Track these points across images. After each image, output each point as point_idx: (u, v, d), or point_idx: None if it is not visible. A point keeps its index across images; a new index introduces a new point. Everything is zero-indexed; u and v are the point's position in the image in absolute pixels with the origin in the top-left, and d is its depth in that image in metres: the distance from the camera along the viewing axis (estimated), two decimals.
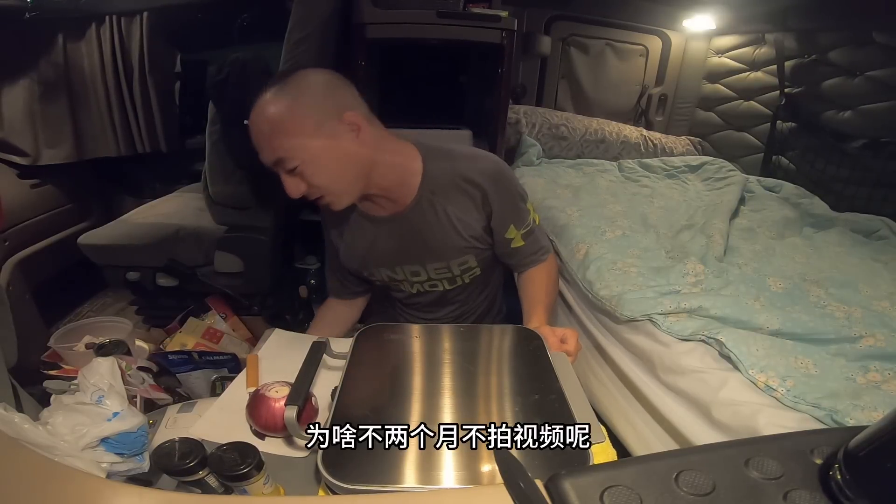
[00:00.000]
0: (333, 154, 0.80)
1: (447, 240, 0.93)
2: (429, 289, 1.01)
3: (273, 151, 0.78)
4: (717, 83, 2.34)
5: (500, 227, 0.94)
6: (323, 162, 0.80)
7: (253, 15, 1.71)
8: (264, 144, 0.79)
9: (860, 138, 1.72)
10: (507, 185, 0.93)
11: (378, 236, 0.95)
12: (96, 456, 0.57)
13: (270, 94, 0.77)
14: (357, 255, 0.99)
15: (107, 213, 1.86)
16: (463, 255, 0.95)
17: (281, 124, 0.77)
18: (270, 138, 0.78)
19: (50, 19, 1.46)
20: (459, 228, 0.92)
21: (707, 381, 0.88)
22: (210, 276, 1.53)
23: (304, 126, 0.78)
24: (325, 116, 0.79)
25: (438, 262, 0.96)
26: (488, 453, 0.53)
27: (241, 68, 1.27)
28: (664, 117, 2.46)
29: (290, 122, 0.77)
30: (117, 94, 1.62)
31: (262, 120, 0.78)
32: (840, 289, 1.09)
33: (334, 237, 1.02)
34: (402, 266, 0.97)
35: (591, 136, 2.22)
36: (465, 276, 0.99)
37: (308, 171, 0.80)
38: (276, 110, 0.77)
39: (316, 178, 0.81)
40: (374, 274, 1.00)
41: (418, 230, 0.92)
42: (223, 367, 1.13)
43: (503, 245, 0.96)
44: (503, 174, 0.93)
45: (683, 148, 2.33)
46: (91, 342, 1.25)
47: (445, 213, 0.91)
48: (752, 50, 2.16)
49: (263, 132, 0.78)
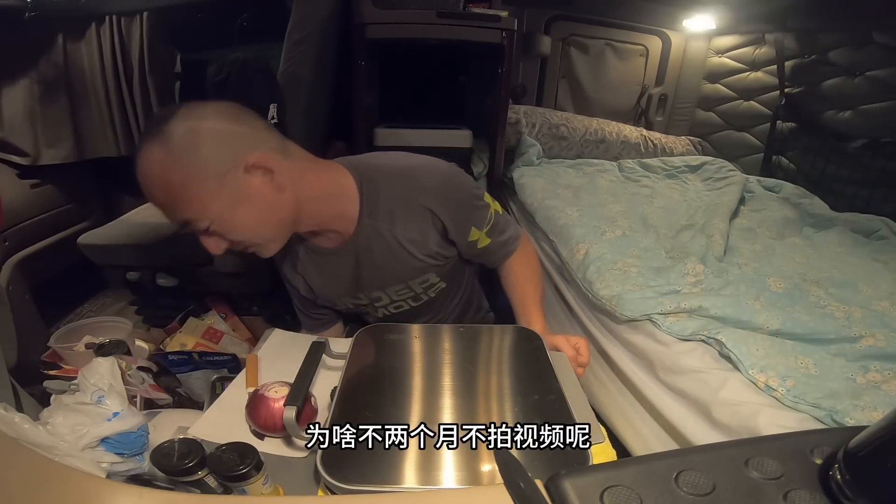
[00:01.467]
0: (246, 207, 0.70)
1: (401, 263, 0.87)
2: (394, 311, 0.97)
3: (175, 216, 0.68)
4: (717, 83, 2.34)
5: (461, 235, 0.87)
6: (237, 218, 0.70)
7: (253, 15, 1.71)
8: (163, 209, 0.69)
9: (860, 138, 1.72)
10: (454, 195, 0.85)
11: (331, 268, 0.90)
12: (96, 456, 0.58)
13: (155, 153, 0.65)
14: (316, 287, 0.94)
15: (107, 213, 1.86)
16: (422, 273, 0.90)
17: (175, 192, 0.66)
18: (168, 206, 0.68)
19: (50, 19, 1.46)
20: (412, 250, 0.85)
21: (707, 381, 0.88)
22: (210, 276, 1.53)
23: (204, 188, 0.66)
24: (225, 168, 0.67)
25: (398, 284, 0.90)
26: (488, 453, 0.53)
27: (241, 68, 1.27)
28: (664, 117, 2.46)
29: (187, 188, 0.66)
30: (117, 94, 1.62)
31: (153, 186, 0.66)
32: (840, 289, 1.09)
33: (289, 274, 0.96)
34: (363, 292, 0.92)
35: (591, 136, 2.22)
36: (428, 291, 0.94)
37: (222, 230, 0.70)
38: (167, 177, 0.65)
39: (234, 235, 0.71)
40: (338, 304, 0.96)
41: (368, 258, 0.86)
42: (223, 367, 1.13)
43: (470, 248, 0.90)
44: (447, 184, 0.85)
45: (683, 148, 2.33)
46: (91, 342, 1.26)
47: (394, 237, 0.84)
48: (752, 50, 2.16)
49: (157, 199, 0.67)
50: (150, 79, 1.63)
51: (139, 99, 1.64)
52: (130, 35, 1.57)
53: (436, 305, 1.01)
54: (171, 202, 0.67)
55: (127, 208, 1.78)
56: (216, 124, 0.68)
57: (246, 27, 1.71)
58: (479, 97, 1.83)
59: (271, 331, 0.94)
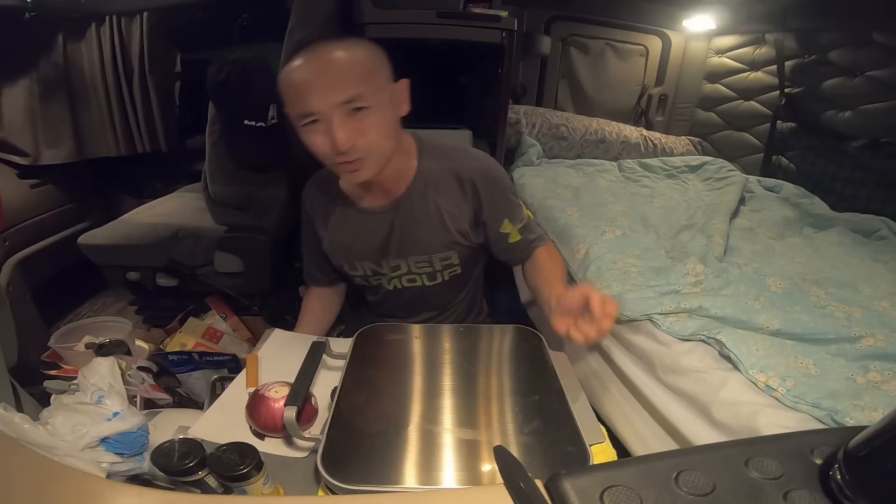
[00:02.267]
0: (390, 113, 0.80)
1: (433, 232, 0.92)
2: (407, 284, 1.00)
3: (347, 88, 0.74)
4: (717, 83, 2.34)
5: (494, 221, 0.93)
6: (386, 116, 0.79)
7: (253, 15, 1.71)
8: (337, 80, 0.74)
9: (860, 138, 1.72)
10: (497, 180, 0.93)
11: (365, 228, 0.94)
12: (96, 456, 0.58)
13: (349, 41, 0.77)
14: (342, 246, 0.97)
15: (107, 213, 1.86)
16: (447, 249, 0.95)
17: (361, 63, 0.76)
18: (348, 74, 0.75)
19: (50, 19, 1.46)
20: (447, 221, 0.92)
21: (707, 381, 0.88)
22: (210, 276, 1.53)
23: (380, 72, 0.78)
24: (389, 76, 0.80)
25: (421, 254, 0.95)
26: (488, 453, 0.53)
27: (241, 68, 1.27)
28: (664, 117, 2.46)
29: (370, 63, 0.77)
30: (117, 94, 1.62)
31: (348, 56, 0.75)
32: (840, 289, 1.09)
33: (318, 226, 1.00)
34: (386, 259, 0.96)
35: (591, 136, 2.22)
36: (445, 272, 0.98)
37: (372, 119, 0.77)
38: (365, 52, 0.77)
39: (374, 130, 0.78)
40: (356, 268, 0.99)
41: (406, 222, 0.92)
42: (223, 367, 1.13)
43: (500, 241, 0.96)
44: (494, 170, 0.94)
45: (683, 148, 2.33)
46: (91, 342, 1.26)
47: (436, 205, 0.91)
48: (752, 50, 2.16)
49: (345, 67, 0.75)
50: (150, 79, 1.63)
51: (139, 99, 1.64)
52: (130, 35, 1.57)
53: (443, 296, 1.03)
54: (350, 71, 0.75)
55: (127, 208, 1.78)
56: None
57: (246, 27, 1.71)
58: (479, 97, 1.83)
59: (271, 331, 0.94)
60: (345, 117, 0.75)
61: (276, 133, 1.33)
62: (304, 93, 0.75)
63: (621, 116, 2.43)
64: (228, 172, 1.42)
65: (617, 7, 2.23)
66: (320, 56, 0.75)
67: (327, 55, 0.75)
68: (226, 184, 1.44)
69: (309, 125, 0.76)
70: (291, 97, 0.77)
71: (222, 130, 1.38)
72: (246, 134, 1.30)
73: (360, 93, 0.75)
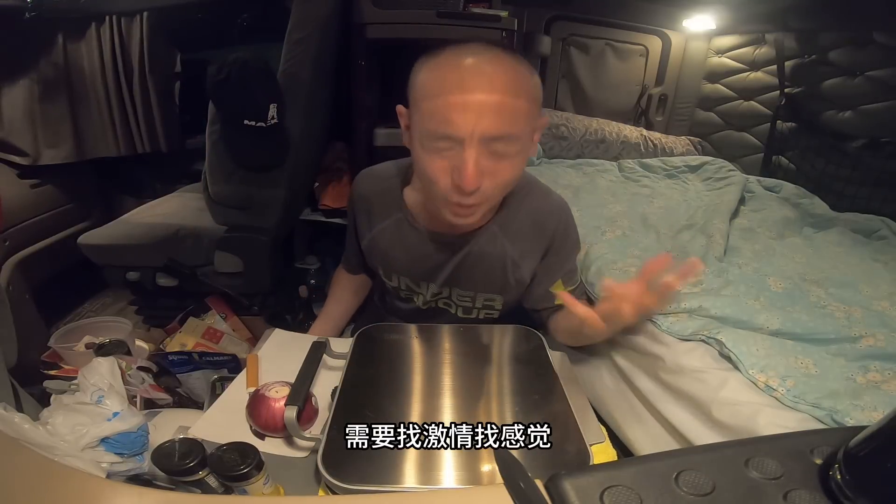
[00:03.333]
0: (523, 157, 0.68)
1: (491, 276, 0.84)
2: (441, 306, 0.93)
3: (505, 123, 0.62)
4: (717, 83, 2.34)
5: (548, 275, 0.84)
6: (520, 160, 0.67)
7: (253, 15, 1.71)
8: (495, 109, 0.61)
9: (860, 138, 1.72)
10: (571, 233, 0.85)
11: (418, 248, 0.84)
12: (96, 456, 0.58)
13: (502, 50, 0.63)
14: (384, 256, 0.89)
15: (107, 213, 1.86)
16: (497, 293, 0.87)
17: (530, 95, 0.64)
18: (514, 105, 0.62)
19: (50, 19, 1.46)
20: (508, 269, 0.83)
21: (707, 381, 0.88)
22: (210, 276, 1.53)
23: (538, 109, 0.66)
24: (538, 106, 0.67)
25: (468, 290, 0.87)
26: (488, 453, 0.53)
27: (241, 68, 1.27)
28: (664, 117, 2.46)
29: (536, 97, 0.65)
30: (117, 94, 1.62)
31: (503, 72, 0.61)
32: (840, 289, 1.09)
33: (361, 224, 0.90)
34: (428, 283, 0.88)
35: (591, 136, 2.22)
36: (482, 312, 0.91)
37: (511, 165, 0.66)
38: (520, 71, 0.63)
39: (507, 175, 0.66)
40: (392, 279, 0.91)
41: (467, 259, 0.83)
42: (223, 367, 1.13)
43: (545, 297, 0.86)
44: (570, 224, 0.85)
45: (683, 148, 2.33)
46: (91, 342, 1.26)
47: (503, 251, 0.82)
48: (752, 50, 2.16)
49: (506, 96, 0.61)
50: (150, 79, 1.63)
51: (139, 99, 1.64)
52: (130, 35, 1.57)
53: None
54: (515, 111, 0.62)
55: (127, 208, 1.78)
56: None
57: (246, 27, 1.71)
58: None
59: (271, 331, 0.94)
60: (484, 154, 0.63)
61: (276, 133, 1.33)
62: (451, 104, 0.61)
63: (621, 116, 2.43)
64: (228, 172, 1.42)
65: (617, 7, 2.23)
66: (484, 60, 0.61)
67: (494, 63, 0.61)
68: (226, 184, 1.44)
69: (435, 145, 0.64)
70: (426, 107, 0.63)
71: (222, 130, 1.38)
72: (246, 134, 1.30)
73: (514, 133, 0.63)
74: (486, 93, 0.60)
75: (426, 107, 0.64)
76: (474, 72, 0.61)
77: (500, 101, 0.61)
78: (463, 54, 0.63)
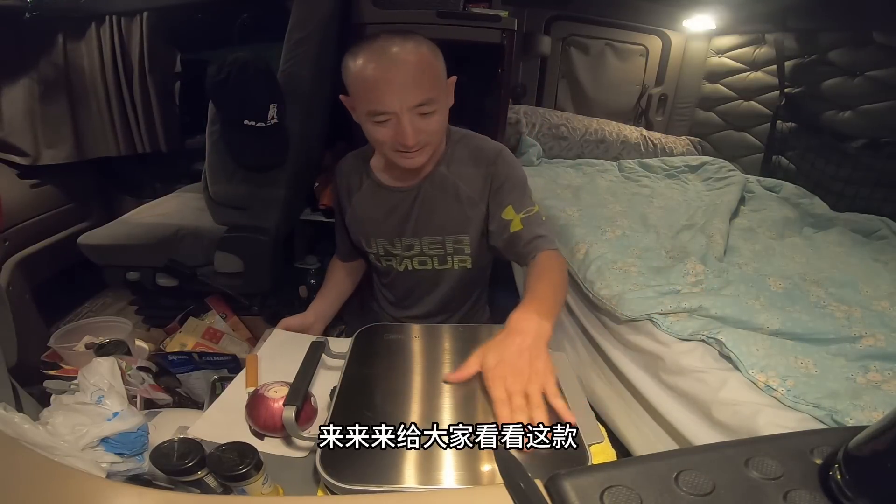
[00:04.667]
0: (445, 110, 0.87)
1: (450, 212, 0.96)
2: (418, 266, 1.02)
3: (423, 91, 0.80)
4: (717, 83, 2.34)
5: (497, 205, 0.94)
6: (443, 114, 0.86)
7: (253, 15, 1.71)
8: (413, 85, 0.79)
9: (860, 138, 1.72)
10: (512, 166, 0.96)
11: (387, 204, 0.98)
12: (96, 456, 0.58)
13: (426, 46, 0.82)
14: (361, 221, 1.02)
15: (107, 213, 1.86)
16: (460, 231, 0.97)
17: (434, 67, 0.82)
18: (423, 78, 0.80)
19: (50, 19, 1.46)
20: (464, 203, 0.95)
21: (707, 381, 0.88)
22: (210, 276, 1.53)
23: (444, 73, 0.85)
24: (445, 73, 0.86)
25: (435, 235, 0.98)
26: (488, 453, 0.53)
27: (241, 68, 1.26)
28: (664, 117, 2.46)
29: (440, 67, 0.83)
30: (117, 94, 1.62)
31: (419, 59, 0.80)
32: (840, 289, 1.09)
33: (343, 199, 1.05)
34: (400, 238, 0.99)
35: (591, 136, 2.22)
36: (455, 257, 1.00)
37: (437, 118, 0.84)
38: (432, 54, 0.82)
39: (436, 126, 0.85)
40: (372, 245, 1.02)
41: (426, 202, 0.96)
42: (223, 367, 1.13)
43: (501, 229, 0.92)
44: (511, 157, 0.98)
45: (683, 148, 2.33)
46: (91, 342, 1.26)
47: (455, 186, 0.95)
48: (752, 50, 2.16)
49: (417, 72, 0.80)
50: (150, 79, 1.63)
51: (139, 99, 1.64)
52: (130, 35, 1.57)
53: (451, 289, 1.04)
54: (425, 74, 0.80)
55: (127, 208, 1.78)
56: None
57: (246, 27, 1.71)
58: (479, 97, 1.83)
59: (271, 331, 0.94)
60: (414, 117, 0.81)
61: (276, 133, 1.33)
62: (379, 93, 0.79)
63: (621, 116, 2.43)
64: (228, 172, 1.42)
65: (617, 7, 2.23)
66: (396, 57, 0.79)
67: (403, 57, 0.79)
68: (226, 184, 1.44)
69: (376, 119, 0.82)
70: (362, 94, 0.81)
71: (222, 130, 1.38)
72: (246, 134, 1.30)
73: (432, 97, 0.81)
74: (402, 70, 0.78)
75: (359, 94, 0.82)
76: (388, 57, 0.79)
77: (414, 73, 0.79)
78: (374, 46, 0.80)
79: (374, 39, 0.81)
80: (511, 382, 0.60)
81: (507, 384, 0.59)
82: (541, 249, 0.89)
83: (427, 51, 0.82)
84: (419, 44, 0.81)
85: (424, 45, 0.82)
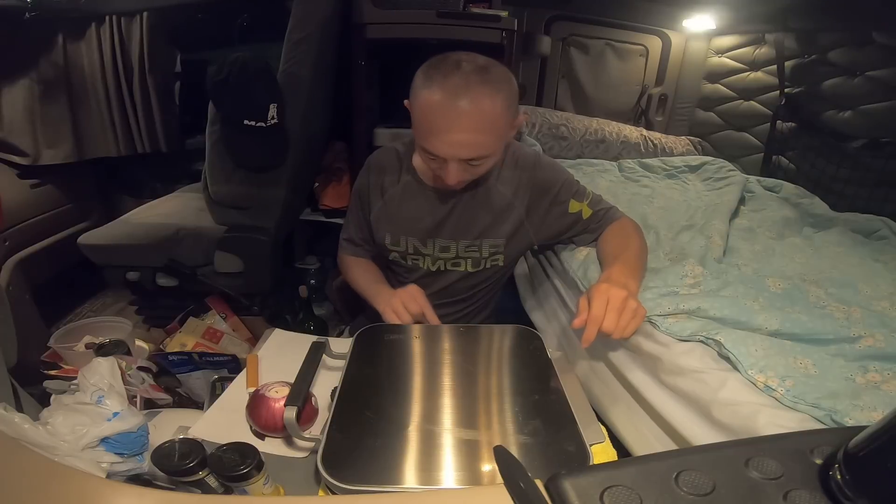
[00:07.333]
0: (502, 149, 0.86)
1: (490, 218, 0.95)
2: (450, 267, 1.01)
3: (478, 149, 0.77)
4: (717, 83, 2.34)
5: (559, 206, 0.96)
6: (499, 154, 0.84)
7: (253, 15, 1.71)
8: (471, 143, 0.76)
9: (860, 138, 1.72)
10: (551, 167, 0.97)
11: (425, 204, 0.96)
12: (96, 456, 0.58)
13: (481, 85, 0.74)
14: (393, 218, 0.98)
15: (107, 213, 1.86)
16: (496, 236, 0.97)
17: (500, 123, 0.77)
18: (483, 138, 0.76)
19: (50, 19, 1.46)
20: (504, 207, 0.95)
21: (706, 382, 0.87)
22: (210, 276, 1.53)
23: (505, 126, 0.80)
24: (513, 116, 0.81)
25: (473, 239, 0.97)
26: (488, 453, 0.53)
27: (241, 68, 1.27)
28: (664, 117, 2.46)
29: (500, 121, 0.77)
30: (117, 94, 1.62)
31: (477, 114, 0.74)
32: (840, 289, 1.09)
33: (373, 194, 1.00)
34: (436, 239, 0.98)
35: (591, 136, 2.22)
36: (489, 261, 1.00)
37: (487, 165, 0.82)
38: (493, 108, 0.75)
39: (483, 169, 0.83)
40: (400, 243, 0.99)
41: (469, 207, 0.95)
42: (223, 367, 1.13)
43: (573, 222, 0.99)
44: (545, 158, 1.00)
45: (683, 148, 2.33)
46: (91, 342, 1.26)
47: (499, 192, 0.95)
48: (752, 50, 2.16)
49: (479, 132, 0.76)
50: (150, 79, 1.63)
51: (139, 99, 1.64)
52: (130, 35, 1.57)
53: (477, 287, 1.05)
54: (482, 132, 0.76)
55: (127, 208, 1.78)
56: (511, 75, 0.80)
57: (246, 27, 1.71)
58: None
59: (271, 331, 0.94)
60: (463, 164, 0.79)
61: (276, 133, 1.33)
62: (434, 139, 0.77)
63: (621, 116, 2.43)
64: (228, 172, 1.42)
65: (617, 7, 2.23)
66: (462, 111, 0.73)
67: (470, 110, 0.73)
68: (226, 184, 1.44)
69: (425, 154, 0.81)
70: (420, 125, 0.78)
71: (222, 130, 1.38)
72: (246, 134, 1.30)
73: (487, 154, 0.79)
74: (464, 130, 0.75)
75: (421, 125, 0.79)
76: (458, 112, 0.74)
77: (474, 138, 0.76)
78: (452, 86, 0.74)
79: (453, 71, 0.74)
80: (613, 303, 0.76)
81: (610, 302, 0.77)
82: (612, 219, 0.99)
83: (500, 102, 0.75)
84: (495, 94, 0.74)
85: (499, 98, 0.75)
